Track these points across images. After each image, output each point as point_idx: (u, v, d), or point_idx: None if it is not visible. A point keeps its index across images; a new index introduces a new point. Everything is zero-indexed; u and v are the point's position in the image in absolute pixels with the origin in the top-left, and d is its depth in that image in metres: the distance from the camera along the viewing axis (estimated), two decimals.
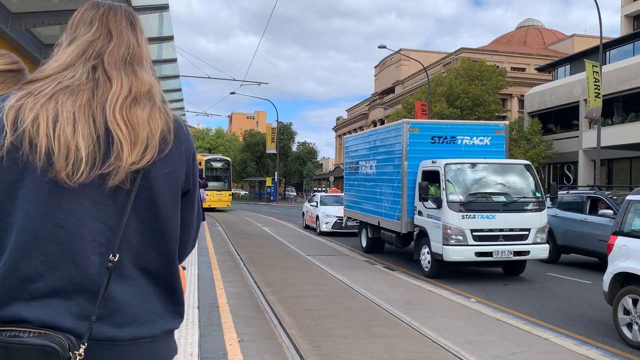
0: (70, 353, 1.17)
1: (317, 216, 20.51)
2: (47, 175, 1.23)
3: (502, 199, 10.57)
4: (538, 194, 10.74)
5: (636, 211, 6.84)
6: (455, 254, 10.14)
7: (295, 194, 68.15)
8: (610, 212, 11.40)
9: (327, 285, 9.56)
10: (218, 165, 34.97)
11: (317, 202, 21.56)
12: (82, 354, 1.19)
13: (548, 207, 11.57)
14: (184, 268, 6.01)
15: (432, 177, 10.93)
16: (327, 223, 19.67)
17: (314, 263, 12.14)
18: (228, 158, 38.90)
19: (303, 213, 23.59)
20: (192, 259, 11.08)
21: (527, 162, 11.64)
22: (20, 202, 1.23)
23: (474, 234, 10.16)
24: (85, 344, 1.20)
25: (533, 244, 10.42)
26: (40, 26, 7.02)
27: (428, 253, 10.90)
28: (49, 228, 1.23)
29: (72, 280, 1.23)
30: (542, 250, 10.60)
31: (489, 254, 10.21)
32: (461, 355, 5.61)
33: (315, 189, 62.75)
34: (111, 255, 1.25)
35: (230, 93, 44.96)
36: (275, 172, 55.40)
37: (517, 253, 10.35)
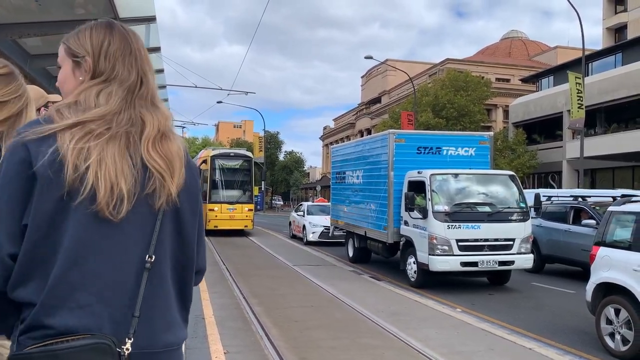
0: (118, 349, 1.24)
1: (304, 226, 20.48)
2: (92, 208, 1.30)
3: (487, 209, 10.67)
4: (522, 205, 10.87)
5: (618, 222, 6.95)
6: (441, 263, 10.21)
7: (282, 203, 68.05)
8: (593, 222, 11.54)
9: (313, 296, 9.56)
10: (233, 163, 22.98)
11: (304, 212, 21.54)
12: (130, 347, 1.26)
13: (532, 217, 11.70)
14: None
15: (418, 187, 11.01)
16: (313, 233, 19.63)
17: (300, 273, 12.13)
18: (249, 153, 24.69)
19: (290, 222, 23.54)
20: None
21: (512, 172, 11.79)
22: (71, 219, 1.30)
23: (460, 244, 10.23)
24: (132, 338, 1.27)
25: (518, 254, 10.52)
26: (26, 37, 7.00)
27: (414, 263, 10.95)
28: (96, 238, 1.30)
29: (117, 286, 1.31)
30: (526, 260, 10.71)
31: (475, 263, 10.29)
32: None
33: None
34: (147, 257, 1.35)
35: (217, 102, 44.37)
36: (262, 182, 55.29)
37: (502, 263, 10.45)
